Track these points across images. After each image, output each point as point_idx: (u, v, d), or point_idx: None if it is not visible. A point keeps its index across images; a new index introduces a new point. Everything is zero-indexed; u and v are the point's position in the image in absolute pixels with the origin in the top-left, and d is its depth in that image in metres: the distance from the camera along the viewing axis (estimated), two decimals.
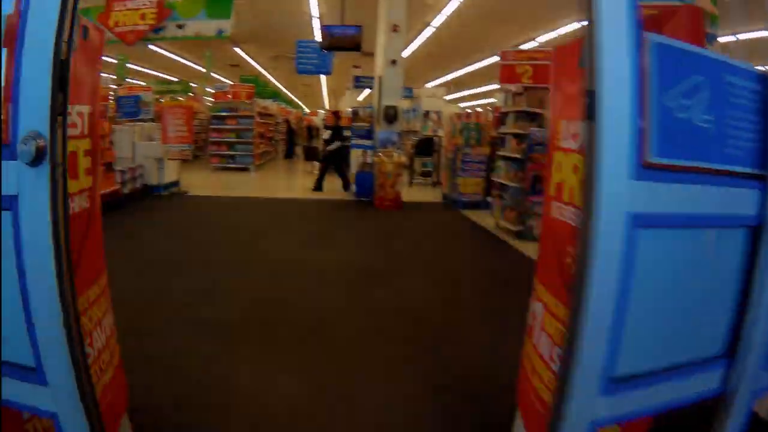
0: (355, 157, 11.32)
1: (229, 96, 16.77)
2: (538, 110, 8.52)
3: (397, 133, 10.88)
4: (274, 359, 3.74)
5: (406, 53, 18.86)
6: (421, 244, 7.80)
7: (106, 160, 9.46)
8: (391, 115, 10.68)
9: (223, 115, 16.85)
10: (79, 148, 2.03)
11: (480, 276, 6.23)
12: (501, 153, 9.10)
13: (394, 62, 10.80)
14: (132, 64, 22.77)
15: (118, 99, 11.69)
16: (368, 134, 11.35)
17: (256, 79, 21.36)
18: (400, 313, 4.77)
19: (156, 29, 10.23)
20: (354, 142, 11.58)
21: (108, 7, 10.35)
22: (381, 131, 10.90)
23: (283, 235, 7.96)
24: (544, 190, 2.61)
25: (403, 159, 10.64)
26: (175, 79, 23.38)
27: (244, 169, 16.78)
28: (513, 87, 9.21)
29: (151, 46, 18.46)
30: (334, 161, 12.61)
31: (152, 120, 12.06)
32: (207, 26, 10.15)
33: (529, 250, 7.45)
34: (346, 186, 12.33)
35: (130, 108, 11.34)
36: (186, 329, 4.17)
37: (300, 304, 4.90)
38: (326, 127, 12.85)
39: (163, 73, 26.91)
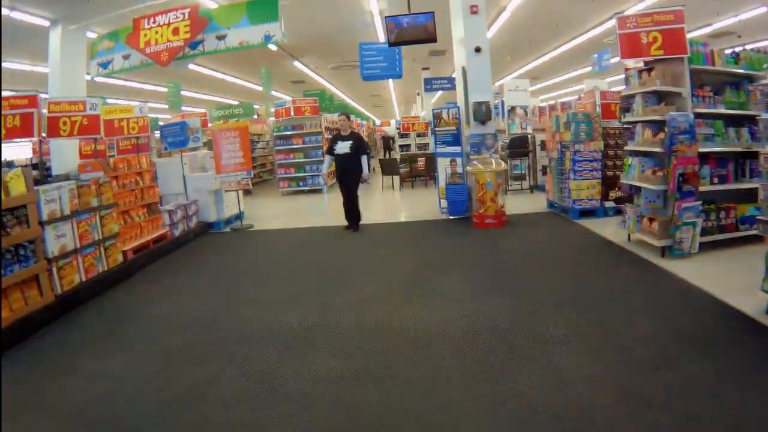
0: (443, 167, 9.41)
1: (292, 113, 15.28)
2: (673, 89, 6.38)
3: (493, 135, 8.86)
4: None
5: None
6: (548, 278, 5.69)
7: (148, 201, 8.06)
8: (482, 113, 8.66)
9: (288, 134, 15.48)
10: None
11: (648, 326, 4.13)
12: (631, 147, 6.97)
13: (478, 49, 8.81)
14: (187, 90, 21.95)
15: (161, 129, 10.35)
16: (455, 139, 9.36)
17: (322, 93, 19.93)
18: (569, 424, 2.82)
19: (193, 44, 8.81)
20: (439, 149, 9.67)
21: (136, 26, 9.07)
22: (471, 134, 8.90)
23: (365, 281, 6.06)
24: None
25: (504, 166, 8.61)
26: (235, 103, 22.29)
27: (317, 191, 15.29)
28: (632, 62, 7.08)
29: (201, 69, 17.60)
30: (349, 185, 8.95)
31: (204, 148, 10.68)
32: (252, 33, 8.65)
33: (688, 273, 5.37)
34: (355, 224, 9.05)
35: (176, 137, 9.96)
36: None
37: (405, 416, 3.03)
38: (338, 138, 8.94)
39: (223, 97, 26.07)
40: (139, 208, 7.76)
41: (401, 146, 19.94)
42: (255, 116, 21.03)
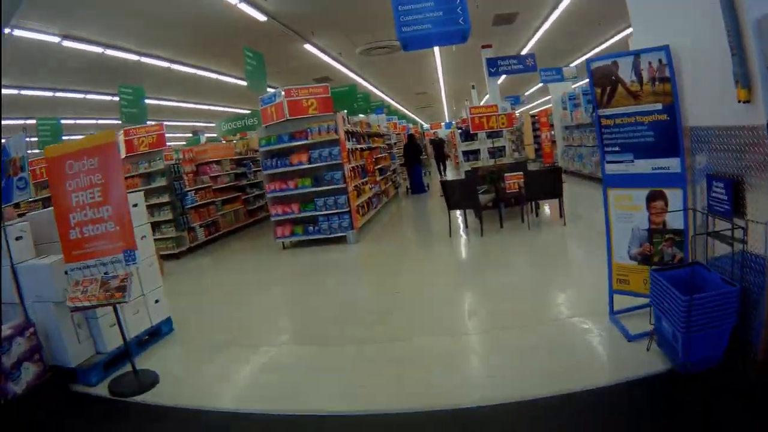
0: (621, 211, 3.45)
1: (286, 112, 8.86)
2: None
3: None
4: None
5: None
6: None
7: None
8: None
9: (282, 148, 9.31)
10: None
11: None
12: None
13: None
14: (186, 101, 16.76)
15: None
16: (662, 137, 3.26)
17: (353, 88, 14.03)
18: None
19: None
20: (611, 165, 3.53)
21: None
22: None
23: None
24: None
25: None
26: (247, 112, 16.81)
27: (338, 241, 9.17)
28: None
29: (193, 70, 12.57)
30: None
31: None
32: None
33: None
34: None
35: None
36: None
37: None
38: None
39: (233, 107, 20.73)
40: None
41: (465, 154, 13.85)
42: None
